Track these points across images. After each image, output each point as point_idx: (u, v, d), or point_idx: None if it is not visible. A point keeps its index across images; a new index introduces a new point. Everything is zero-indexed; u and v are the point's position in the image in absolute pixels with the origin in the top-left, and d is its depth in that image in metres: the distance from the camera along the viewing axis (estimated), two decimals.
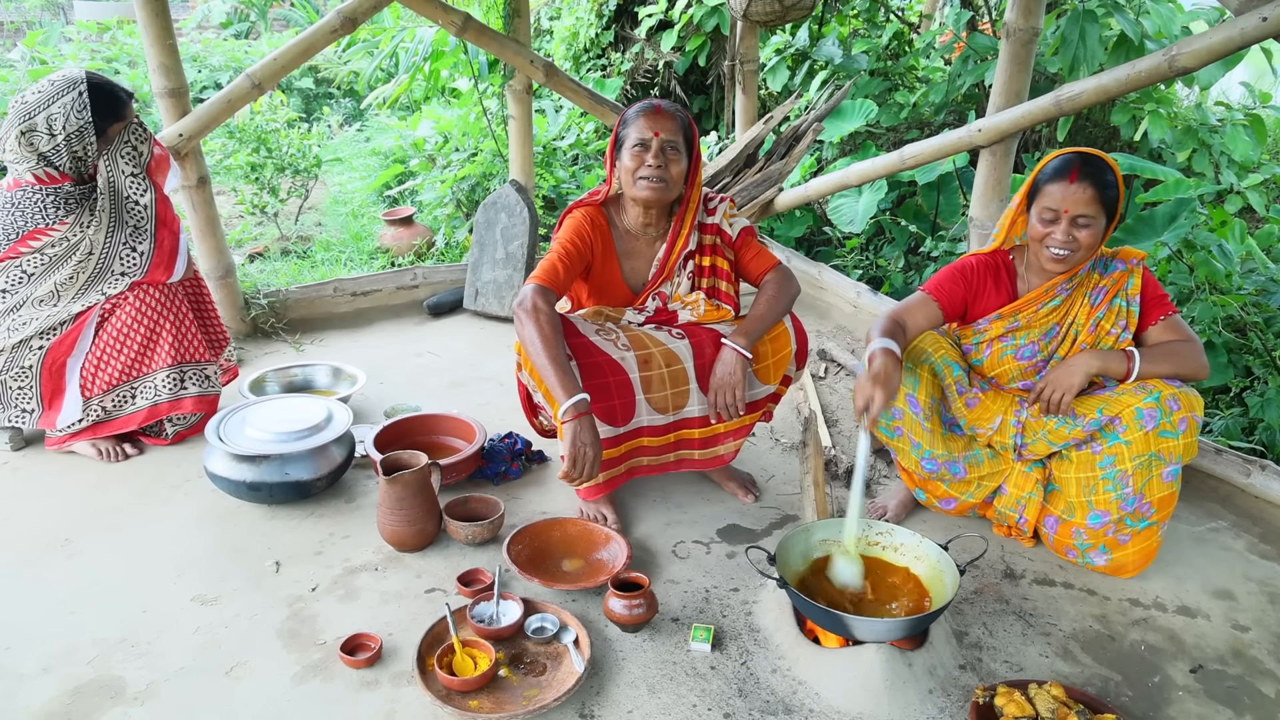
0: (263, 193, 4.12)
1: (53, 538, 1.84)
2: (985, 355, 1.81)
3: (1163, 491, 1.69)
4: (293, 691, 1.45)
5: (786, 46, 4.05)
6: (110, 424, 2.13)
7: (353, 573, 1.75)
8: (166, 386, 2.12)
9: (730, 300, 1.91)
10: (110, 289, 2.06)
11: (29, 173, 2.01)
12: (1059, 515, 1.80)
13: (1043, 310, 1.75)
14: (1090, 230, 1.63)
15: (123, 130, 2.04)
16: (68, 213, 2.02)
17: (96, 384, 2.09)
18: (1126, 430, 1.66)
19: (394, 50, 4.45)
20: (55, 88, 1.98)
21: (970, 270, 1.80)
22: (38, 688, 1.45)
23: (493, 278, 3.14)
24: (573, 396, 1.62)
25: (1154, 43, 2.93)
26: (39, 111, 1.97)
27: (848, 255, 3.62)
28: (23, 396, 2.09)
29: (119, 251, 2.05)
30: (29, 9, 9.20)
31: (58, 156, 2.00)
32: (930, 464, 1.84)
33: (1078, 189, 1.61)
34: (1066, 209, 1.62)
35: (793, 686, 1.49)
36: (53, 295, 2.04)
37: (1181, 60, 2.07)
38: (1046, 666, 1.56)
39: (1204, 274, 2.50)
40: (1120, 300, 1.73)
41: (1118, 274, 1.74)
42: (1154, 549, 1.76)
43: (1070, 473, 1.76)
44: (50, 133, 1.96)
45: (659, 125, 1.73)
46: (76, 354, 2.07)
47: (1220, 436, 2.32)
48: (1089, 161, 1.62)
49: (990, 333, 1.79)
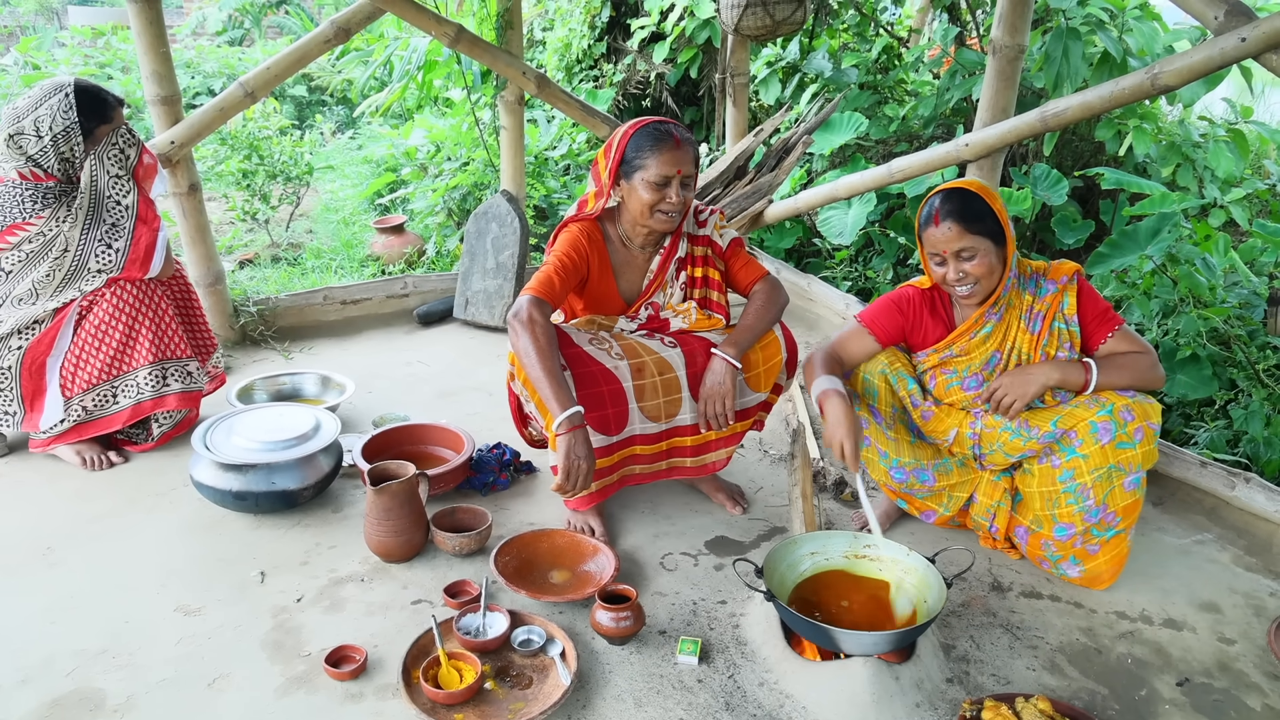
0: (254, 199, 4.11)
1: (34, 546, 1.81)
2: (933, 384, 1.83)
3: (1126, 500, 1.70)
4: (276, 704, 1.44)
5: (778, 59, 4.09)
6: (93, 424, 2.10)
7: (339, 583, 1.74)
8: (149, 384, 2.10)
9: (722, 310, 1.92)
10: (87, 285, 2.05)
11: (14, 170, 2.02)
12: (1028, 526, 1.81)
13: (975, 339, 1.76)
14: (977, 260, 1.65)
15: (111, 133, 2.05)
16: (44, 207, 2.02)
17: (76, 383, 2.07)
18: (1083, 444, 1.68)
19: (388, 59, 4.46)
20: (43, 92, 2.01)
21: (906, 301, 1.82)
22: (16, 699, 1.43)
23: (483, 287, 3.14)
24: (567, 409, 1.62)
25: (1137, 60, 2.97)
26: (27, 115, 1.99)
27: (837, 267, 3.64)
28: (4, 399, 2.06)
29: (94, 249, 2.04)
30: (23, 14, 9.18)
31: (45, 158, 2.01)
32: (899, 473, 1.85)
33: (945, 229, 1.65)
34: (944, 250, 1.67)
35: (780, 700, 1.48)
36: (31, 294, 2.03)
37: (1163, 79, 2.10)
38: (1034, 680, 1.56)
39: (1187, 287, 2.53)
40: (1059, 323, 1.73)
41: (1049, 296, 1.73)
42: (1124, 555, 1.77)
43: (1033, 486, 1.77)
44: (37, 134, 1.98)
45: (681, 163, 1.71)
46: (55, 352, 2.06)
47: (1205, 449, 2.34)
48: (949, 199, 1.66)
49: (928, 363, 1.81)
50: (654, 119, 1.77)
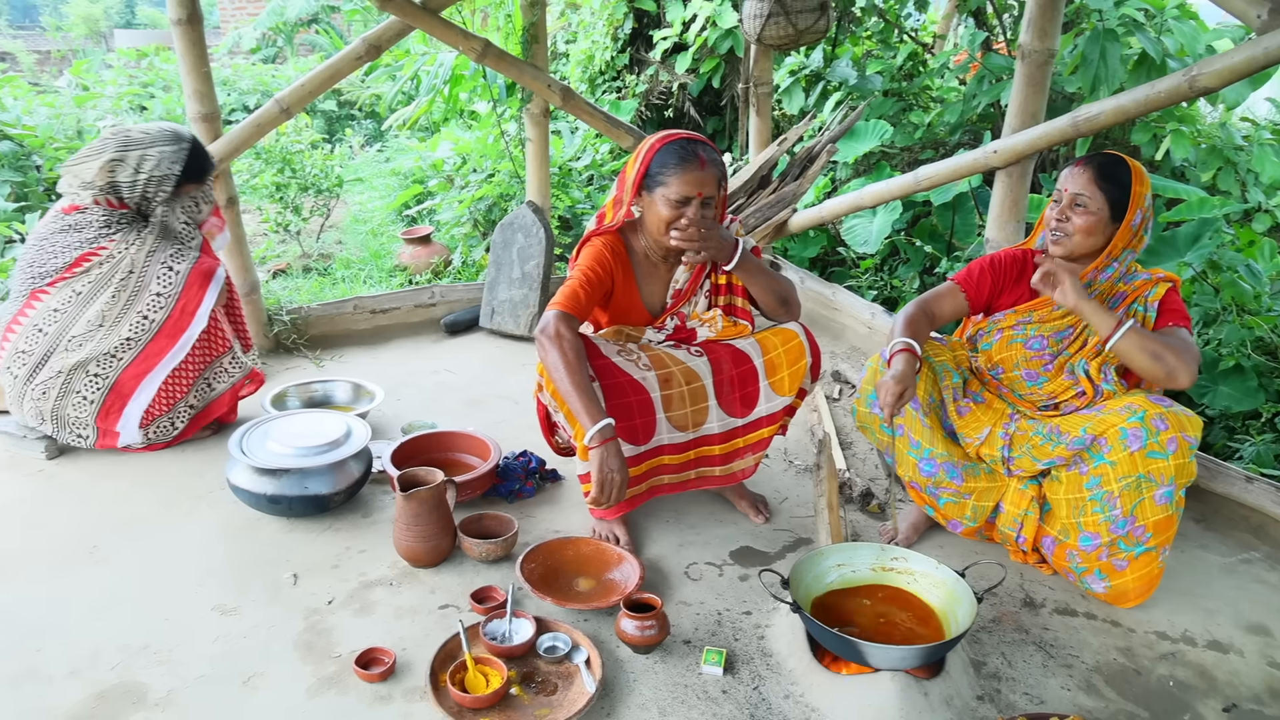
0: (286, 211, 4.21)
1: (82, 544, 1.88)
2: (995, 339, 1.85)
3: (1157, 515, 1.65)
4: (308, 704, 1.46)
5: (801, 68, 4.09)
6: (204, 412, 2.28)
7: (368, 587, 1.77)
8: (237, 366, 2.29)
9: (747, 316, 1.92)
10: (150, 309, 2.12)
11: (90, 198, 2.13)
12: (1055, 536, 1.78)
13: (1056, 311, 1.79)
14: (1085, 213, 1.70)
15: (194, 190, 2.24)
16: (116, 231, 2.13)
17: (175, 393, 2.19)
18: (1111, 450, 1.64)
19: (415, 74, 4.55)
20: (162, 135, 2.15)
21: (999, 264, 1.88)
22: (66, 690, 1.48)
23: (509, 297, 3.17)
24: (598, 423, 1.63)
25: (1176, 62, 2.91)
26: (137, 148, 2.12)
27: (862, 276, 3.62)
28: (79, 423, 2.16)
29: (157, 271, 2.13)
30: (74, 38, 9.56)
31: (129, 190, 2.15)
32: (929, 464, 1.82)
33: (1079, 170, 1.72)
34: (1066, 188, 1.72)
35: (806, 714, 1.47)
36: (100, 317, 2.12)
37: (1203, 80, 2.05)
38: (1068, 700, 1.52)
39: (1230, 295, 2.46)
40: (1138, 305, 1.75)
41: (1139, 283, 1.77)
42: (1155, 576, 1.71)
43: (1060, 494, 1.74)
44: (136, 169, 2.11)
45: (702, 185, 1.68)
46: (149, 382, 2.15)
47: (1251, 464, 2.26)
48: (1105, 155, 1.73)
49: (1004, 322, 1.84)
50: (683, 134, 1.74)
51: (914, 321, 1.79)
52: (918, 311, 1.82)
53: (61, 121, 4.39)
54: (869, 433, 1.91)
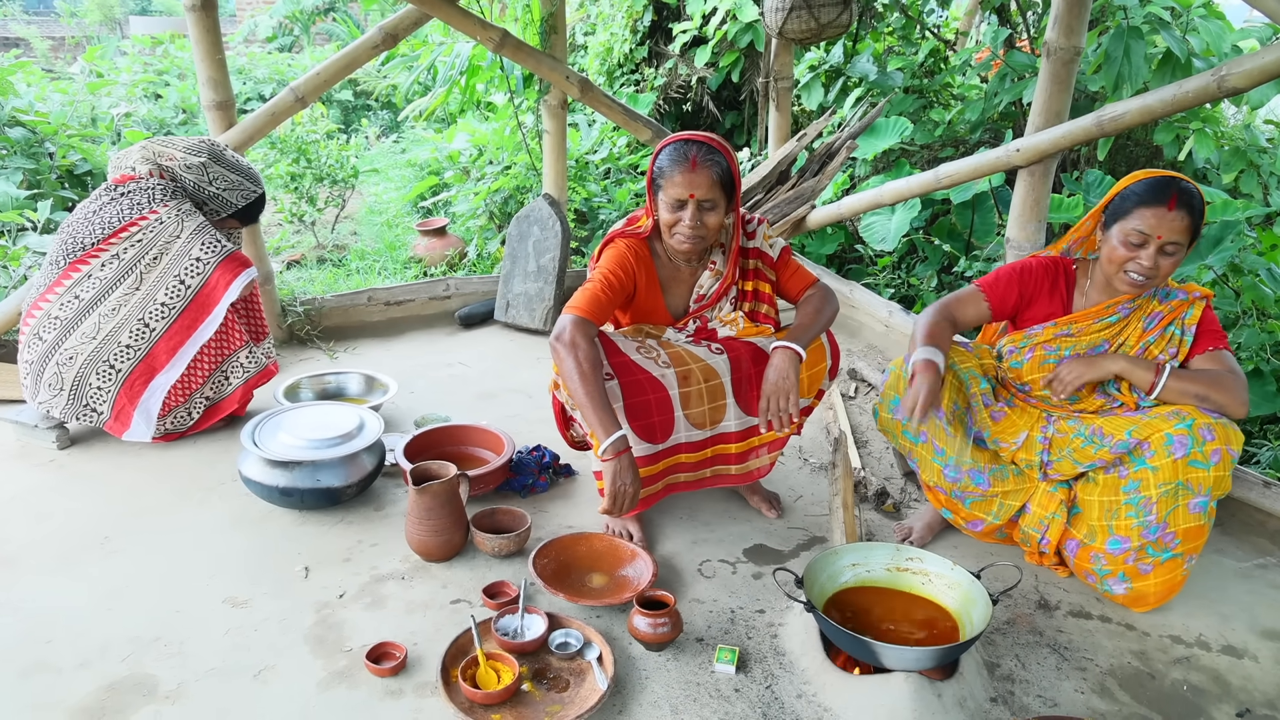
0: (301, 202, 4.22)
1: (94, 535, 1.89)
2: (1026, 359, 1.79)
3: (1189, 523, 1.62)
4: (319, 697, 1.47)
5: (821, 63, 4.05)
6: (217, 406, 2.30)
7: (380, 581, 1.77)
8: (253, 361, 2.31)
9: (771, 321, 1.91)
10: (187, 274, 2.14)
11: (148, 169, 2.22)
12: (1080, 539, 1.75)
13: (1098, 324, 1.73)
14: (1174, 259, 1.61)
15: (234, 228, 2.42)
16: (170, 197, 2.20)
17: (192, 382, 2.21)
18: (1154, 456, 1.61)
19: (432, 64, 4.54)
20: (249, 176, 2.34)
21: (1029, 273, 1.79)
22: (76, 682, 1.49)
23: (524, 290, 3.17)
24: (611, 435, 1.62)
25: (1201, 61, 2.86)
26: (221, 167, 2.26)
27: (879, 273, 3.58)
28: (98, 397, 2.16)
29: (203, 238, 2.18)
30: (89, 24, 9.61)
31: (183, 185, 2.25)
32: (953, 471, 1.80)
33: (1175, 217, 1.57)
34: (1160, 235, 1.58)
35: (818, 713, 1.46)
36: (138, 280, 2.14)
37: (1231, 80, 2.02)
38: (1082, 703, 1.51)
39: (1251, 298, 2.42)
40: (1174, 328, 1.70)
41: (1176, 302, 1.71)
42: (1178, 583, 1.69)
43: (1094, 495, 1.71)
44: (205, 180, 2.24)
45: (695, 186, 1.66)
46: (171, 368, 2.16)
47: (1269, 469, 2.23)
48: (1185, 189, 1.58)
49: (1039, 338, 1.77)
50: (687, 135, 1.71)
51: (937, 330, 1.74)
52: (940, 318, 1.76)
53: (75, 108, 4.41)
54: (891, 436, 1.88)
